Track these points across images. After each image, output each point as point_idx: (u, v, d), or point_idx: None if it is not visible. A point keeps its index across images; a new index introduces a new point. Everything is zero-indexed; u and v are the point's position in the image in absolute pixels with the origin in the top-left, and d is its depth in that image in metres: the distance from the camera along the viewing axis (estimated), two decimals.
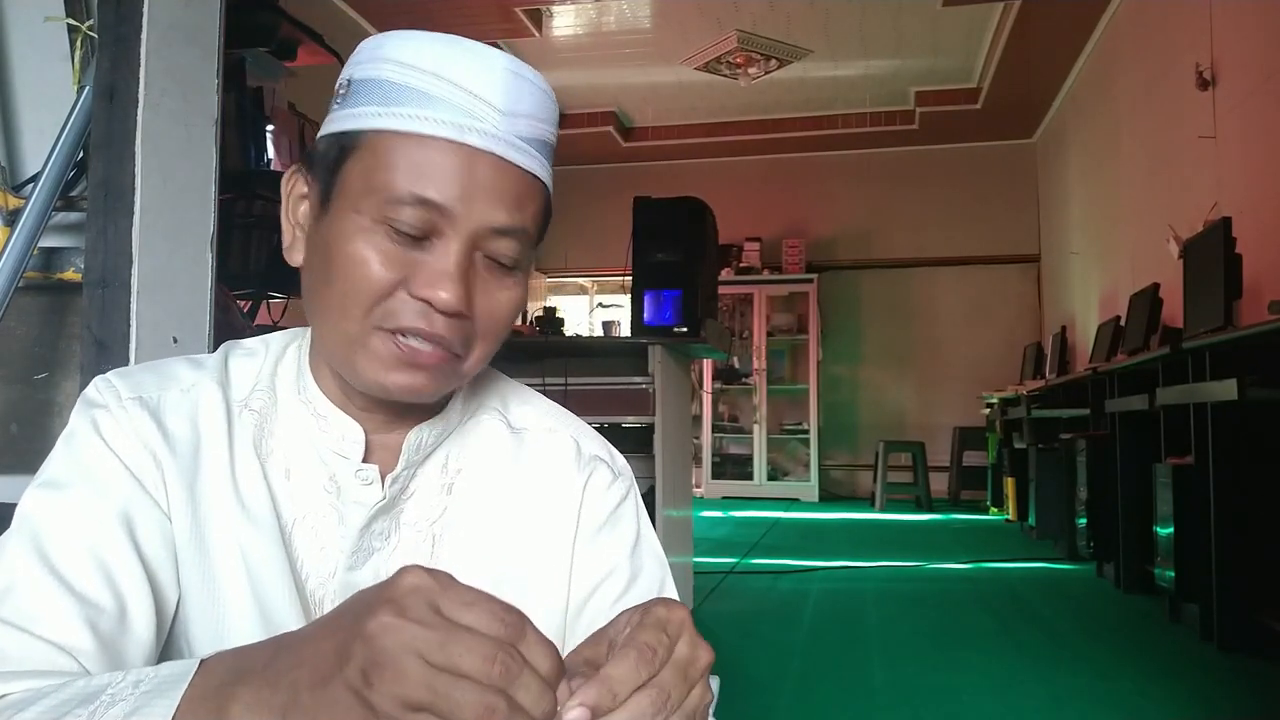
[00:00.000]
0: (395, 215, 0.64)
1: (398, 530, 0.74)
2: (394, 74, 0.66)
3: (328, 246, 0.67)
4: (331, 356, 0.71)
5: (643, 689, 0.50)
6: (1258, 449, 2.88)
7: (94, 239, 1.17)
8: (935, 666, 2.78)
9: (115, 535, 0.64)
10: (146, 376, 0.72)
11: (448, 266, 0.65)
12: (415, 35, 0.68)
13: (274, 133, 2.64)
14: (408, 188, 0.64)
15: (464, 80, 0.66)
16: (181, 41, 1.25)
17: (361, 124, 0.66)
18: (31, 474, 0.68)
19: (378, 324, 0.66)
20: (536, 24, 6.04)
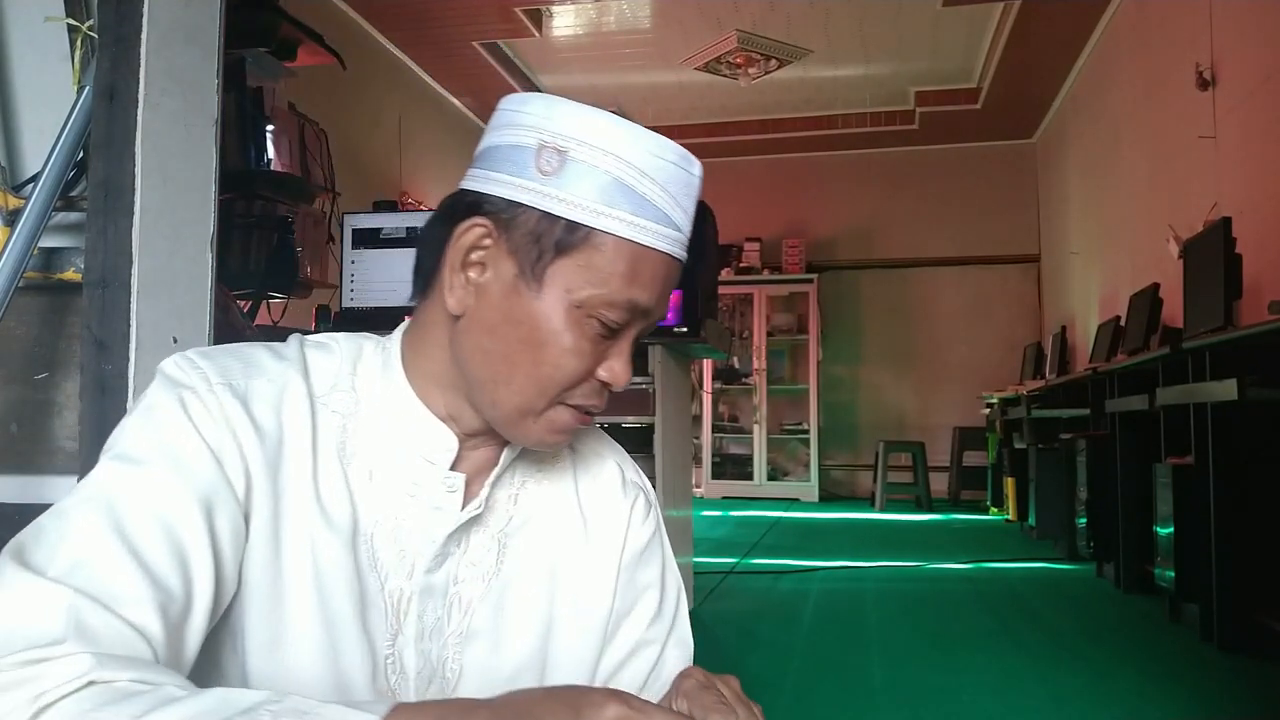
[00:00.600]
0: (608, 314, 0.70)
1: (468, 536, 0.77)
2: (624, 174, 0.69)
3: (535, 325, 0.70)
4: (496, 414, 0.73)
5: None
6: (1258, 449, 2.88)
7: (94, 239, 1.17)
8: (935, 666, 2.78)
9: (193, 520, 0.64)
10: (232, 362, 0.71)
11: (626, 353, 0.73)
12: (637, 133, 0.70)
13: (274, 133, 2.64)
14: (627, 294, 0.70)
15: (679, 197, 0.72)
16: (181, 41, 1.25)
17: (593, 221, 0.68)
18: (31, 474, 0.67)
19: (562, 400, 0.72)
20: (536, 24, 6.04)
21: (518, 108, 0.72)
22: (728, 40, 6.31)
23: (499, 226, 0.71)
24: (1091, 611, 3.62)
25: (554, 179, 0.69)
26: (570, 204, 0.68)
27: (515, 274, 0.70)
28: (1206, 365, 2.92)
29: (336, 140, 3.07)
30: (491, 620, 0.77)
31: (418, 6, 5.71)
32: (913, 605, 3.75)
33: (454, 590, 0.76)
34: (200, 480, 0.65)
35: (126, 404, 1.13)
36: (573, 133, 0.69)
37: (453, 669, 0.76)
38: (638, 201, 0.69)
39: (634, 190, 0.69)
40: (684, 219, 0.72)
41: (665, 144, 0.71)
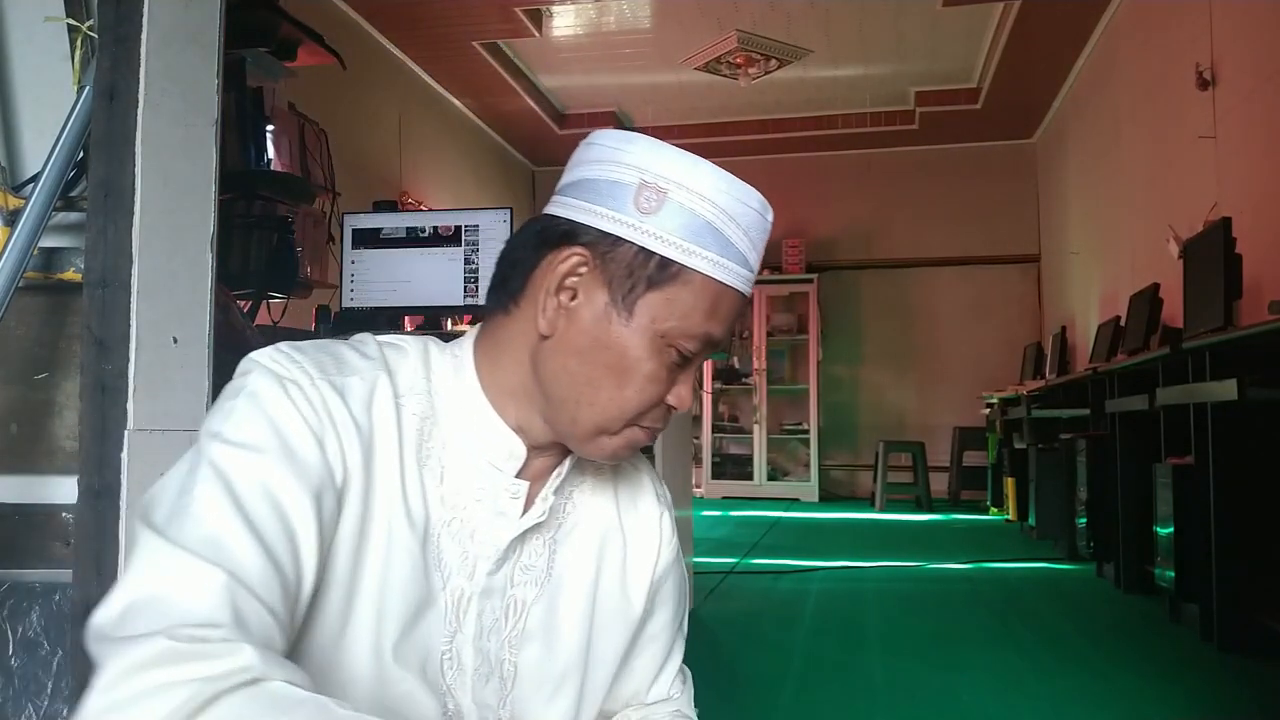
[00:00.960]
0: (686, 344, 0.76)
1: (524, 541, 0.81)
2: (719, 222, 0.75)
3: (621, 349, 0.75)
4: (572, 432, 0.78)
5: None
6: (1258, 449, 2.88)
7: (94, 239, 1.17)
8: (935, 666, 2.78)
9: (305, 510, 0.66)
10: (326, 358, 0.74)
11: (692, 380, 0.79)
12: (727, 180, 0.76)
13: (274, 133, 2.64)
14: (705, 328, 0.76)
15: (756, 241, 0.78)
16: (181, 41, 1.25)
17: (684, 259, 0.74)
18: (31, 474, 0.67)
19: (634, 422, 0.77)
20: (536, 24, 6.03)
21: (618, 145, 0.77)
22: (728, 40, 6.31)
23: (595, 257, 0.75)
24: (1091, 611, 3.62)
25: (652, 217, 0.74)
26: (665, 241, 0.74)
27: (607, 302, 0.75)
28: (1206, 365, 2.92)
29: (336, 140, 3.07)
30: (544, 622, 0.81)
31: (418, 6, 5.71)
32: (913, 605, 3.75)
33: (511, 592, 0.80)
34: (310, 470, 0.67)
35: (127, 404, 1.13)
36: (673, 175, 0.75)
37: (509, 668, 0.80)
38: (723, 243, 0.75)
39: (721, 233, 0.74)
40: (757, 261, 0.78)
41: (751, 192, 0.77)
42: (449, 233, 2.80)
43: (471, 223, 2.81)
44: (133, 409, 1.13)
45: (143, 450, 1.13)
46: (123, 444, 1.11)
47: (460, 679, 0.77)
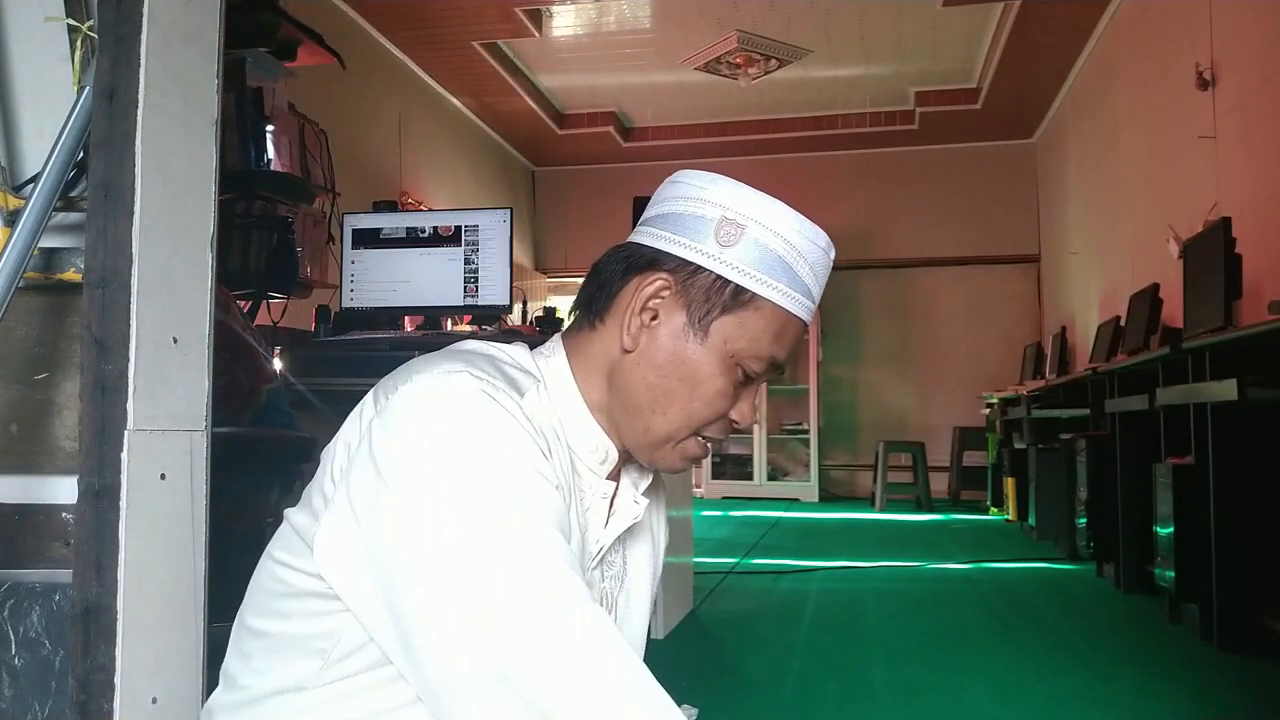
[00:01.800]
0: (753, 366, 0.85)
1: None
2: (789, 256, 0.83)
3: (695, 366, 0.83)
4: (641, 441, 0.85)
5: None
6: (1258, 449, 2.88)
7: (94, 239, 1.17)
8: (935, 666, 2.78)
9: (568, 555, 0.73)
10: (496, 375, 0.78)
11: (754, 399, 0.88)
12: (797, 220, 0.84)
13: (274, 133, 2.64)
14: (771, 352, 0.84)
15: (820, 276, 0.86)
16: (181, 41, 1.25)
17: (756, 288, 0.82)
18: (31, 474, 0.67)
19: (697, 432, 0.86)
20: (536, 24, 6.04)
21: (703, 185, 0.85)
22: (728, 40, 6.31)
23: (677, 282, 0.84)
24: (1091, 611, 3.62)
25: (730, 249, 0.82)
26: (740, 271, 0.82)
27: (685, 323, 0.83)
28: (1206, 365, 2.92)
29: (336, 140, 3.07)
30: (624, 614, 0.92)
31: (418, 6, 5.71)
32: (913, 605, 3.75)
33: (602, 587, 0.89)
34: (555, 509, 0.75)
35: (127, 404, 1.13)
36: (751, 213, 0.83)
37: None
38: (792, 276, 0.83)
39: (791, 267, 0.83)
40: (819, 294, 0.87)
41: (820, 233, 0.85)
42: (449, 233, 2.81)
43: (471, 223, 2.81)
44: (133, 409, 1.13)
45: (143, 450, 1.13)
46: (123, 444, 1.11)
47: None
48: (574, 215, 8.50)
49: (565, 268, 8.94)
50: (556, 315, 4.14)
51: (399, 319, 3.01)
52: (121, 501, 1.10)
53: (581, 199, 8.61)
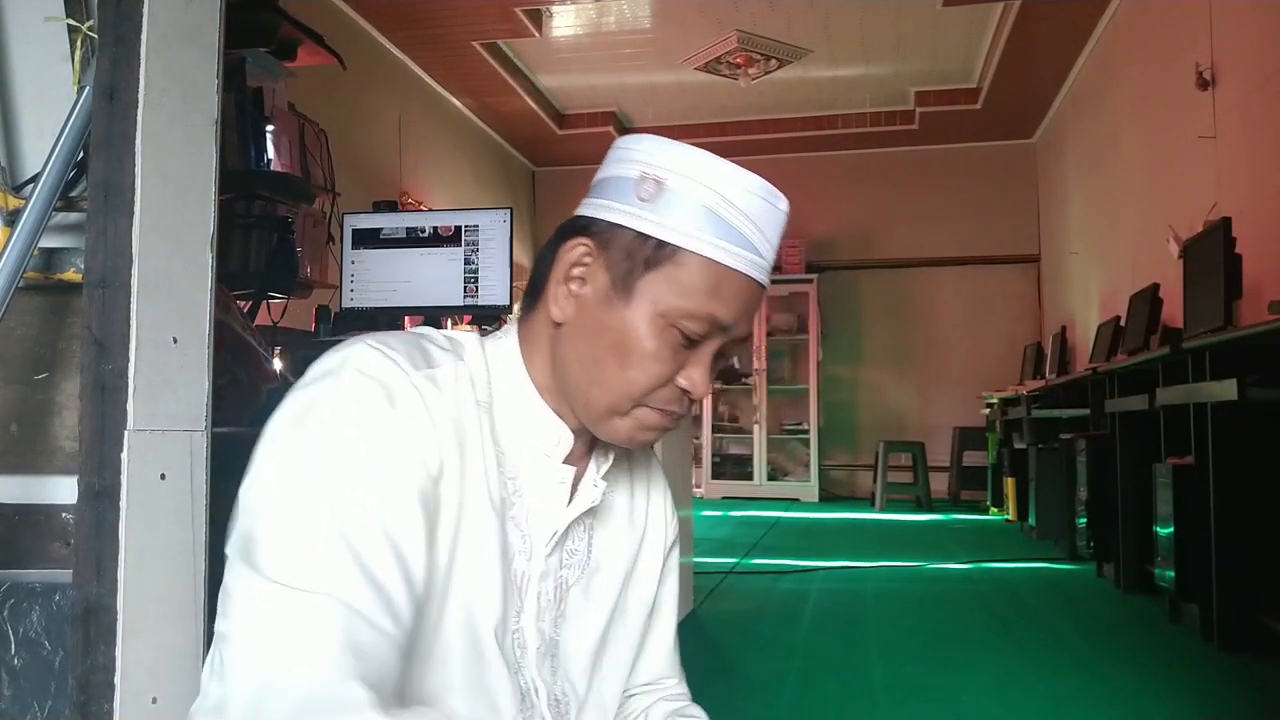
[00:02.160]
0: (690, 325, 0.78)
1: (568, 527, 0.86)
2: (713, 202, 0.78)
3: (624, 332, 0.78)
4: (588, 412, 0.81)
5: None
6: (1258, 449, 2.88)
7: (94, 239, 1.17)
8: (935, 666, 2.78)
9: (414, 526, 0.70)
10: (414, 352, 0.77)
11: (706, 365, 0.80)
12: (728, 168, 0.79)
13: (274, 133, 2.64)
14: (708, 309, 0.77)
15: (763, 226, 0.80)
16: (181, 41, 1.25)
17: (682, 241, 0.77)
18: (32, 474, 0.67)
19: (643, 402, 0.80)
20: (536, 24, 6.04)
21: (630, 146, 0.82)
22: (728, 40, 6.31)
23: (599, 245, 0.80)
24: (1091, 611, 3.62)
25: (650, 204, 0.78)
26: (661, 225, 0.77)
27: (609, 286, 0.79)
28: (1206, 365, 2.92)
29: (336, 140, 3.06)
30: (579, 604, 0.87)
31: (418, 6, 5.71)
32: (913, 605, 3.75)
33: (560, 574, 0.85)
34: (414, 480, 0.71)
35: (127, 404, 1.13)
36: (671, 165, 0.79)
37: (555, 647, 0.85)
38: (725, 228, 0.77)
39: (722, 218, 0.77)
40: (768, 248, 0.80)
41: (756, 181, 0.79)
42: (449, 233, 2.80)
43: (471, 223, 2.81)
44: (133, 409, 1.13)
45: (143, 450, 1.13)
46: (123, 444, 1.11)
47: (525, 657, 0.81)
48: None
49: None
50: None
51: (399, 319, 3.01)
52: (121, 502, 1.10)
53: (581, 199, 8.60)
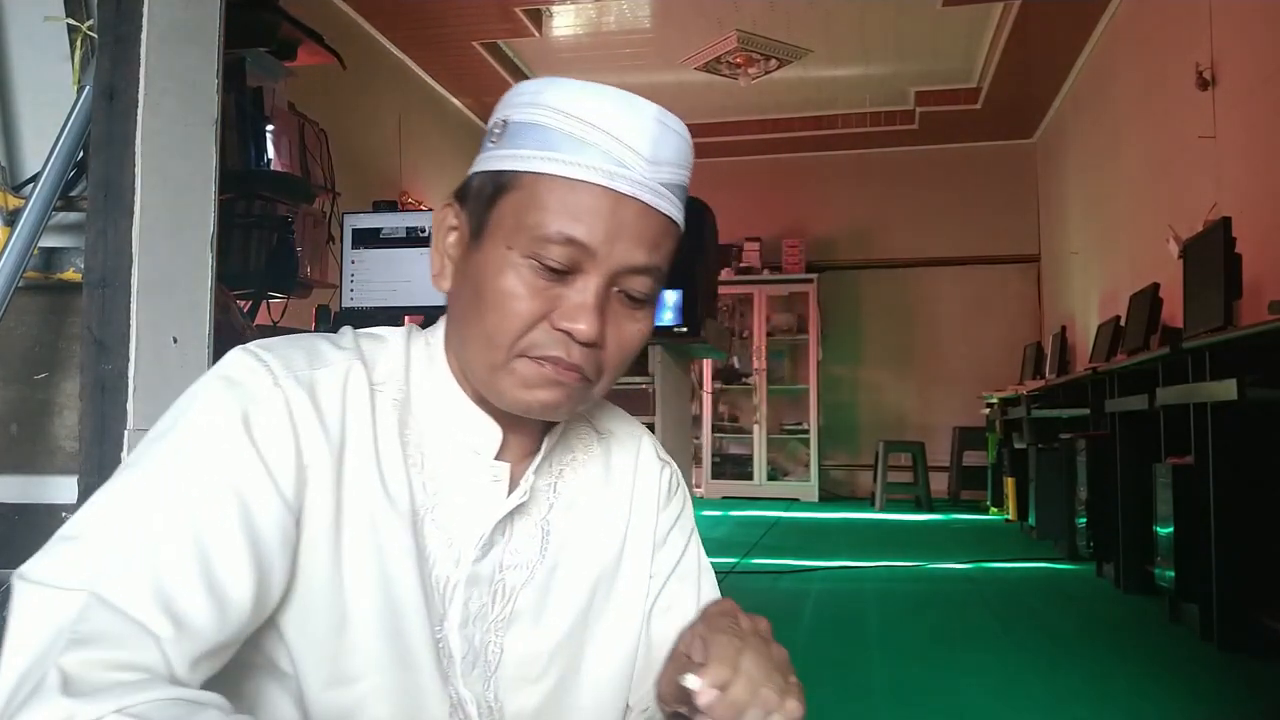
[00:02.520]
0: (544, 252, 0.70)
1: (513, 525, 0.80)
2: (551, 120, 0.71)
3: (479, 278, 0.72)
4: (476, 379, 0.75)
5: (745, 653, 0.65)
6: (1258, 449, 2.88)
7: (94, 239, 1.17)
8: (935, 666, 2.78)
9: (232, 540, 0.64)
10: (296, 354, 0.73)
11: (587, 301, 0.71)
12: (573, 84, 0.73)
13: (274, 133, 2.64)
14: (558, 228, 0.69)
15: (616, 130, 0.71)
16: (181, 41, 1.25)
17: (518, 165, 0.71)
18: (32, 474, 0.67)
19: (521, 352, 0.72)
20: (536, 24, 6.03)
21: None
22: (728, 40, 6.31)
23: (460, 201, 0.76)
24: (1091, 611, 3.62)
25: (497, 144, 0.73)
26: (506, 158, 0.72)
27: (467, 236, 0.75)
28: (1206, 365, 2.92)
29: (336, 140, 3.06)
30: (534, 604, 0.80)
31: (418, 6, 5.71)
32: (913, 605, 3.75)
33: (499, 577, 0.78)
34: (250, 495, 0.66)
35: (127, 404, 1.13)
36: (516, 100, 0.74)
37: (494, 651, 0.78)
38: (575, 145, 0.70)
39: (572, 135, 0.70)
40: (634, 157, 0.71)
41: (607, 91, 0.73)
42: None
43: None
44: (133, 409, 1.13)
45: None
46: (123, 444, 1.12)
47: (451, 667, 0.76)
48: None
49: None
50: None
51: (399, 319, 3.01)
52: None
53: None
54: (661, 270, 0.75)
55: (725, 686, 0.63)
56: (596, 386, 0.75)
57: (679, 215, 0.76)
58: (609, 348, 0.74)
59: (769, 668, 0.66)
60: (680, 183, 0.76)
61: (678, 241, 0.77)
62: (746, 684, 0.64)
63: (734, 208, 7.54)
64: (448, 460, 0.77)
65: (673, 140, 0.75)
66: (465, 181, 0.76)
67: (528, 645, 0.79)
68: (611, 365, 0.75)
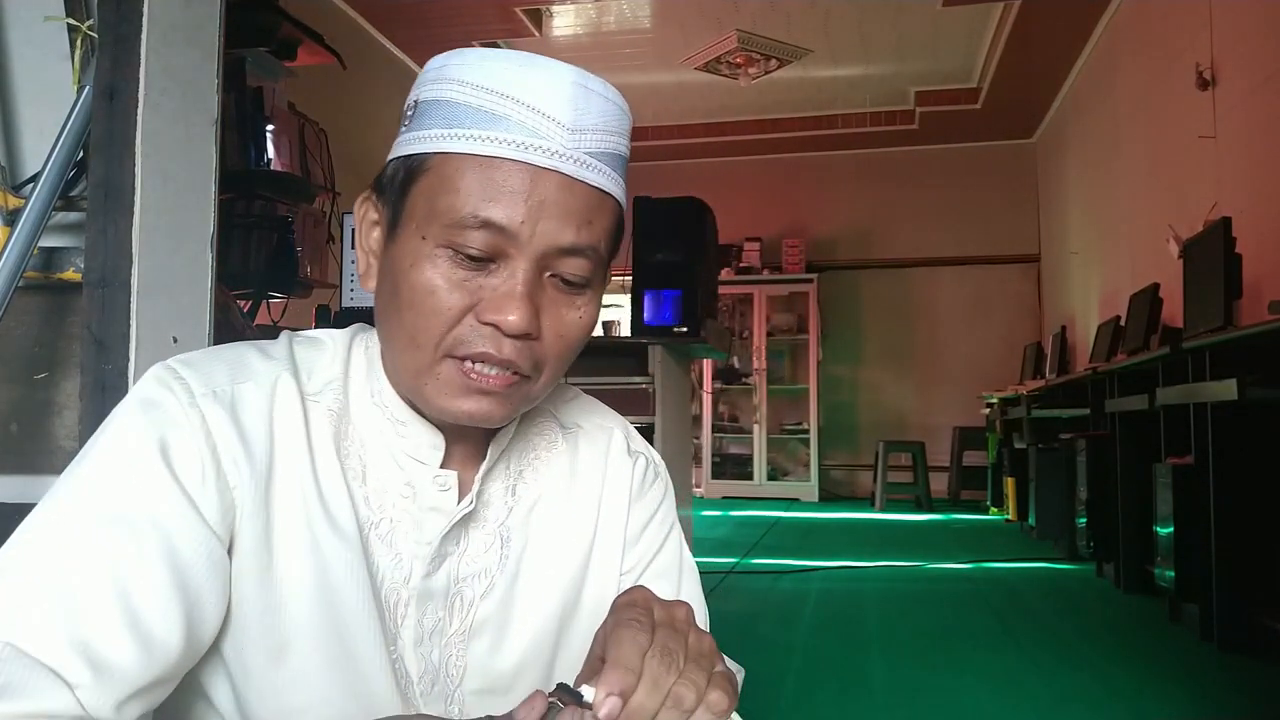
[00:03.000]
0: (460, 239, 0.64)
1: (467, 534, 0.74)
2: (459, 94, 0.65)
3: (395, 272, 0.66)
4: (401, 383, 0.70)
5: (651, 656, 0.55)
6: (1258, 449, 2.88)
7: (94, 239, 1.17)
8: (935, 666, 2.78)
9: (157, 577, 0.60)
10: (218, 367, 0.68)
11: (514, 288, 0.64)
12: (482, 54, 0.67)
13: (274, 133, 2.64)
14: (471, 210, 0.63)
15: (528, 98, 0.64)
16: (181, 41, 1.25)
17: (426, 147, 0.65)
18: (32, 474, 0.67)
19: (447, 352, 0.65)
20: (536, 24, 6.04)
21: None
22: (728, 40, 6.31)
23: (376, 192, 0.71)
24: (1091, 611, 3.62)
25: (409, 127, 0.68)
26: (416, 140, 0.66)
27: (384, 230, 0.69)
28: (1206, 365, 2.92)
29: (336, 140, 3.07)
30: (497, 615, 0.74)
31: (418, 6, 5.71)
32: (913, 605, 3.75)
33: (455, 590, 0.73)
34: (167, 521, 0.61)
35: None
36: (424, 77, 0.68)
37: (456, 667, 0.73)
38: (484, 119, 0.64)
39: (480, 109, 0.64)
40: (552, 126, 0.64)
41: (515, 56, 0.66)
42: None
43: None
44: None
45: None
46: None
47: (409, 686, 0.71)
48: None
49: None
50: None
51: None
52: None
53: None
54: (598, 250, 0.67)
55: (627, 693, 0.54)
56: (537, 384, 0.69)
57: (615, 188, 0.69)
58: (546, 338, 0.67)
59: (685, 661, 0.56)
60: (613, 151, 0.68)
61: (617, 218, 0.70)
62: (651, 686, 0.55)
63: (734, 208, 7.54)
64: (390, 471, 0.71)
65: (597, 104, 0.67)
66: (382, 170, 0.70)
67: (492, 659, 0.74)
68: (552, 358, 0.68)
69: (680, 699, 0.55)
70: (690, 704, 0.55)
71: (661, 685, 0.55)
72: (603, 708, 0.53)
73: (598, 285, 0.70)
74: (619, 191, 0.69)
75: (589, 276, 0.68)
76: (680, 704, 0.55)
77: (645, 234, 3.35)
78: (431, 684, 0.72)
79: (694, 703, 0.55)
